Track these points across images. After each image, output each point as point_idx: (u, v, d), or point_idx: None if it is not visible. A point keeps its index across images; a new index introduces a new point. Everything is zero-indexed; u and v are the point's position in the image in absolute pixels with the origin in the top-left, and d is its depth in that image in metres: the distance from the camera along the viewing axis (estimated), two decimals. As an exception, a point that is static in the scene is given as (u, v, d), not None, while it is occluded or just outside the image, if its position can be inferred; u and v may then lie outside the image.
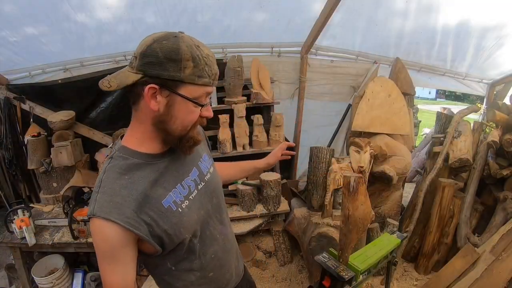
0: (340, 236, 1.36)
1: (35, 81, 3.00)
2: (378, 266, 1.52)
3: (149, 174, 0.84)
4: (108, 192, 0.80)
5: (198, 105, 0.82)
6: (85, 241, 2.22)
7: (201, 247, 0.96)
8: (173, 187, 0.88)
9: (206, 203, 0.98)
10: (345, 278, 1.26)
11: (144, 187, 0.82)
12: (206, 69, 0.79)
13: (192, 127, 0.85)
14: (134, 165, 0.83)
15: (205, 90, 0.81)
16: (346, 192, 1.29)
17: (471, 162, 2.63)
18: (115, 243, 0.79)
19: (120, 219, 0.77)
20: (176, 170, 0.91)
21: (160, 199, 0.84)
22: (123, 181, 0.81)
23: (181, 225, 0.87)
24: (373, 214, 2.51)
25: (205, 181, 0.99)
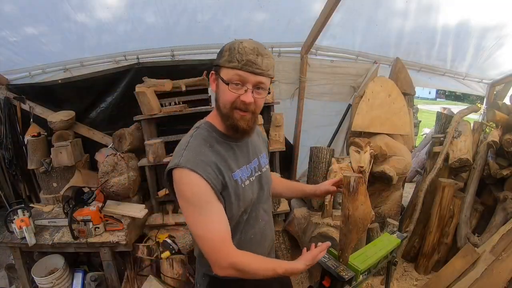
0: (340, 236, 1.36)
1: (35, 81, 3.01)
2: (378, 266, 1.52)
3: (225, 149, 1.04)
4: (194, 151, 0.98)
5: (226, 83, 0.96)
6: (85, 241, 2.22)
7: (245, 225, 1.10)
8: (241, 166, 1.07)
9: (258, 190, 1.15)
10: (345, 278, 1.26)
11: (222, 158, 1.01)
12: (237, 56, 0.94)
13: (231, 107, 0.98)
14: (215, 138, 1.04)
15: (236, 73, 0.94)
16: (346, 192, 1.29)
17: (471, 162, 2.63)
18: (203, 193, 0.94)
19: (205, 174, 0.94)
20: (243, 155, 1.10)
21: (232, 171, 1.03)
22: (206, 147, 1.01)
23: (242, 198, 1.05)
24: (373, 214, 2.52)
25: (262, 172, 1.18)
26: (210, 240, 0.95)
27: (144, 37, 2.76)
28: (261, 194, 1.17)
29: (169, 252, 2.37)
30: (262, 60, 0.94)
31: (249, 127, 1.01)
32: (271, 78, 1.01)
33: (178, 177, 0.96)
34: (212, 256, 0.96)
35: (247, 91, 0.95)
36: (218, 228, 0.96)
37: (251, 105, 0.97)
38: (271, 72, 0.99)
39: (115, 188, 2.59)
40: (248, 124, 1.00)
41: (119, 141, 2.76)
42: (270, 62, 0.97)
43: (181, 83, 2.87)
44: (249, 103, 0.96)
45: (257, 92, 0.98)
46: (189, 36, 2.81)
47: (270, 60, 0.98)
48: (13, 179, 3.18)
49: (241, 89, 0.96)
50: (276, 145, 2.86)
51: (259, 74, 0.95)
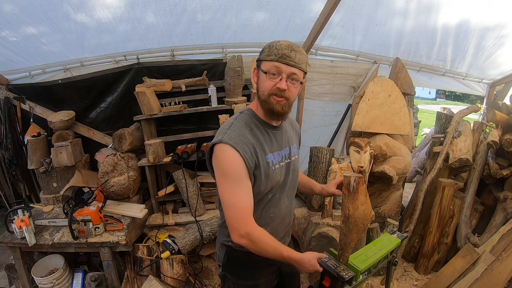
0: (340, 236, 1.36)
1: (35, 81, 3.01)
2: (378, 266, 1.52)
3: (263, 134, 1.20)
4: (237, 132, 1.15)
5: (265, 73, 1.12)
6: (85, 241, 2.22)
7: (268, 203, 1.25)
8: (274, 151, 1.22)
9: (286, 175, 1.28)
10: (345, 278, 1.26)
11: (258, 141, 1.17)
12: (274, 51, 1.11)
13: (268, 93, 1.13)
14: (255, 124, 1.21)
15: (273, 64, 1.11)
16: (346, 192, 1.29)
17: (471, 162, 2.63)
18: (239, 168, 1.10)
19: (242, 152, 1.10)
20: (277, 141, 1.25)
21: (266, 154, 1.19)
22: (247, 130, 1.18)
23: (270, 178, 1.19)
24: (373, 214, 2.52)
25: (291, 160, 1.31)
26: (236, 208, 1.11)
27: (144, 37, 2.76)
28: (287, 179, 1.29)
29: (169, 252, 2.37)
30: (296, 54, 1.10)
31: (283, 110, 1.15)
32: (304, 72, 1.15)
33: (219, 151, 1.12)
34: (234, 223, 1.12)
35: (282, 79, 1.11)
36: (244, 200, 1.12)
37: (286, 92, 1.12)
38: (303, 66, 1.13)
39: (115, 188, 2.59)
40: (282, 108, 1.15)
41: (119, 141, 2.76)
42: (302, 58, 1.12)
43: (181, 83, 2.87)
44: (284, 89, 1.11)
45: (291, 81, 1.13)
46: (189, 36, 2.81)
47: (303, 56, 1.13)
48: (13, 179, 3.19)
49: (277, 78, 1.12)
50: (276, 145, 2.86)
51: (292, 66, 1.10)
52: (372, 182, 2.61)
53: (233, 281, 1.33)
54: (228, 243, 1.28)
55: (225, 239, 1.30)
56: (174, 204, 2.88)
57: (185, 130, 3.01)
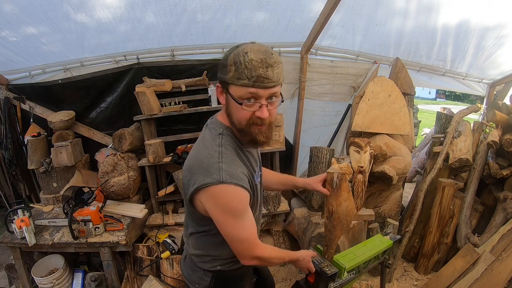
0: (325, 232, 1.37)
1: (35, 81, 3.01)
2: (367, 266, 1.52)
3: (246, 156, 1.09)
4: (231, 163, 0.99)
5: (237, 102, 0.93)
6: (85, 241, 2.22)
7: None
8: (255, 171, 1.14)
9: (260, 189, 1.22)
10: (327, 273, 1.26)
11: (246, 164, 1.06)
12: (245, 72, 0.89)
13: (247, 124, 0.97)
14: (239, 146, 1.06)
15: (248, 91, 0.91)
16: (329, 188, 1.31)
17: (471, 162, 2.63)
18: (246, 204, 1.01)
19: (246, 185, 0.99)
20: (254, 159, 1.15)
21: (253, 176, 1.10)
22: (238, 157, 1.03)
23: (256, 197, 1.14)
24: (373, 214, 2.52)
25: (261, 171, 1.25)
26: (244, 240, 1.05)
27: (144, 37, 2.76)
28: (261, 193, 1.26)
29: (169, 252, 2.37)
30: (273, 71, 0.90)
31: (267, 138, 1.01)
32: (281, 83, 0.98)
33: (221, 193, 0.96)
34: (244, 252, 1.08)
35: (262, 106, 0.93)
36: (252, 228, 1.05)
37: (267, 118, 0.96)
38: (281, 78, 0.95)
39: (115, 188, 2.59)
40: (266, 136, 1.01)
41: (119, 141, 2.76)
42: (280, 70, 0.93)
43: (181, 83, 2.87)
44: (265, 118, 0.95)
45: (271, 103, 0.96)
46: (189, 36, 2.81)
47: (280, 67, 0.93)
48: (13, 179, 3.19)
49: (255, 105, 0.93)
50: (276, 145, 2.86)
51: (272, 87, 0.92)
52: (372, 182, 2.60)
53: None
54: (216, 267, 1.20)
55: (211, 266, 1.21)
56: (174, 204, 2.88)
57: (185, 130, 3.01)
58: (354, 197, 2.37)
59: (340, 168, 1.34)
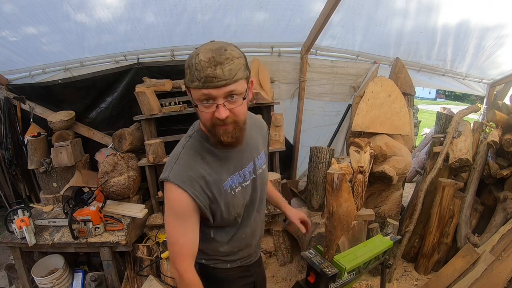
0: (326, 233, 1.37)
1: (35, 81, 3.01)
2: (368, 266, 1.52)
3: (217, 158, 1.04)
4: (184, 165, 1.00)
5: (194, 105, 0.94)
6: (85, 241, 2.22)
7: (239, 226, 1.16)
8: (232, 174, 1.08)
9: (252, 192, 1.17)
10: (328, 274, 1.26)
11: (213, 169, 1.03)
12: (195, 74, 0.87)
13: (211, 124, 0.95)
14: (207, 148, 1.04)
15: (201, 92, 0.89)
16: (329, 189, 1.31)
17: (471, 162, 2.62)
18: (185, 208, 0.99)
19: (190, 191, 0.97)
20: (237, 160, 1.09)
21: (222, 182, 1.04)
22: (197, 160, 1.01)
23: (232, 205, 1.07)
24: (373, 214, 2.52)
25: (256, 174, 1.17)
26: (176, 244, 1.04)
27: (144, 37, 2.76)
28: (255, 196, 1.18)
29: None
30: (223, 69, 0.85)
31: (233, 138, 0.97)
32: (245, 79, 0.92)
33: (167, 189, 1.01)
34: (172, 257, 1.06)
35: (219, 106, 0.90)
36: (186, 239, 1.03)
37: (228, 118, 0.92)
38: (240, 75, 0.89)
39: (115, 188, 2.59)
40: (232, 136, 0.96)
41: (119, 141, 2.76)
42: (234, 66, 0.87)
43: (181, 83, 2.87)
44: (224, 118, 0.91)
45: (231, 102, 0.91)
46: (189, 36, 2.81)
47: (234, 63, 0.87)
48: (13, 179, 3.19)
49: (212, 105, 0.90)
50: (276, 145, 2.86)
51: (225, 85, 0.87)
52: (372, 182, 2.60)
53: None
54: (201, 260, 1.20)
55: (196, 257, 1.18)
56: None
57: (185, 130, 2.94)
58: (354, 197, 2.37)
59: (340, 168, 1.35)
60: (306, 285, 1.38)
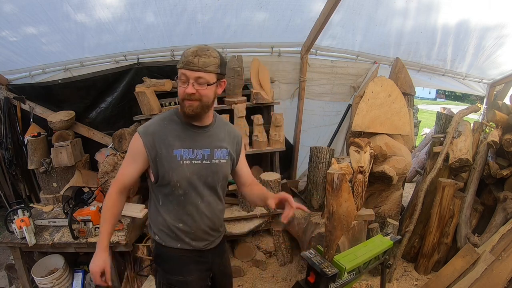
0: (325, 233, 1.37)
1: (35, 81, 3.01)
2: (368, 266, 1.52)
3: (178, 130, 1.29)
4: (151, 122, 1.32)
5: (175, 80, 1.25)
6: (85, 241, 2.22)
7: (183, 200, 1.31)
8: (186, 147, 1.28)
9: (202, 175, 1.32)
10: (328, 274, 1.27)
11: (170, 134, 1.27)
12: (182, 58, 1.20)
13: (182, 98, 1.23)
14: (173, 120, 1.31)
15: (181, 72, 1.20)
16: (329, 189, 1.31)
17: (471, 162, 2.63)
18: (135, 150, 1.28)
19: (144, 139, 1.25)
20: (195, 140, 1.31)
21: (174, 147, 1.27)
22: (162, 123, 1.30)
23: (174, 170, 1.26)
24: (373, 214, 2.52)
25: (211, 162, 1.34)
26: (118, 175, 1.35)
27: (144, 37, 2.76)
28: (206, 179, 1.33)
29: (169, 252, 2.37)
30: (199, 59, 1.17)
31: (194, 112, 1.23)
32: (214, 73, 1.21)
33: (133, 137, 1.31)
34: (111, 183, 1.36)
35: (189, 84, 1.20)
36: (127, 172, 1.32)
37: (194, 95, 1.20)
38: (210, 68, 1.19)
39: (115, 188, 2.58)
40: (193, 110, 1.23)
41: (119, 141, 2.76)
42: (208, 61, 1.19)
43: (181, 83, 2.86)
44: (191, 93, 1.19)
45: (198, 84, 1.20)
46: (189, 36, 2.81)
47: (209, 59, 1.19)
48: (13, 179, 3.19)
49: (185, 83, 1.20)
50: (276, 145, 2.86)
51: (196, 71, 1.18)
52: (372, 182, 2.60)
53: (162, 274, 1.40)
54: (155, 236, 1.38)
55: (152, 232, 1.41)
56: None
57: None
58: (354, 197, 2.37)
59: (340, 168, 1.34)
60: (306, 285, 1.38)
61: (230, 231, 2.59)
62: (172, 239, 1.35)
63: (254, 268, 2.81)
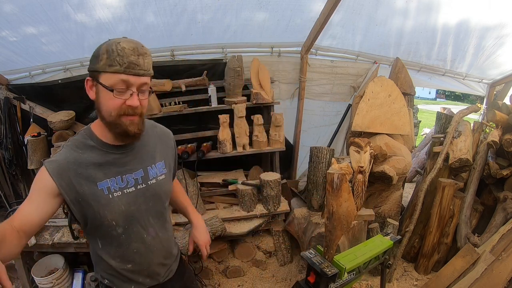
0: (325, 233, 1.37)
1: (35, 81, 3.01)
2: (368, 266, 1.52)
3: (97, 158, 1.00)
4: (62, 154, 0.99)
5: (110, 90, 0.91)
6: (85, 241, 2.22)
7: (125, 239, 1.07)
8: (112, 176, 1.02)
9: (141, 203, 1.08)
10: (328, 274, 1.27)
11: (89, 167, 0.98)
12: (117, 59, 0.90)
13: (117, 114, 0.94)
14: (89, 146, 1.01)
15: (119, 78, 0.91)
16: (329, 189, 1.31)
17: (471, 162, 2.62)
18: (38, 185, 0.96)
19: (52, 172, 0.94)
20: (122, 164, 1.04)
21: (97, 180, 0.99)
22: (75, 153, 0.99)
23: (106, 208, 1.00)
24: (373, 214, 2.52)
25: (148, 184, 1.09)
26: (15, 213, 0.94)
27: (144, 37, 2.76)
28: (146, 207, 1.09)
29: (169, 252, 2.37)
30: (144, 60, 0.93)
31: (139, 130, 1.00)
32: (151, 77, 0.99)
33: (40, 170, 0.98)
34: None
35: (133, 94, 0.93)
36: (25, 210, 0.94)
37: (138, 108, 0.95)
38: (151, 70, 0.97)
39: (115, 188, 2.58)
40: (138, 128, 0.99)
41: (119, 141, 2.76)
42: (150, 61, 0.96)
43: (181, 83, 2.87)
44: (136, 106, 0.94)
45: (142, 93, 0.96)
46: (189, 36, 2.81)
47: (150, 59, 0.96)
48: (13, 179, 3.19)
49: (126, 93, 0.93)
50: (276, 145, 2.86)
51: (142, 75, 0.93)
52: (372, 182, 2.60)
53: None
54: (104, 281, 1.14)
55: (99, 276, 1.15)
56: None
57: (185, 130, 3.01)
58: (354, 197, 2.37)
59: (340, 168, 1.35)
60: (306, 285, 1.38)
61: (230, 231, 2.59)
62: (124, 282, 1.12)
63: (254, 268, 2.81)
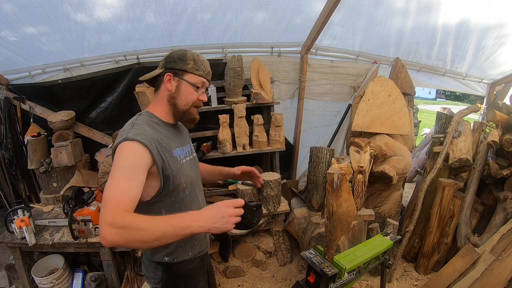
0: (325, 233, 1.37)
1: (35, 81, 3.01)
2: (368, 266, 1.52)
3: (166, 131, 1.21)
4: (140, 128, 1.10)
5: (195, 87, 1.21)
6: (85, 241, 2.22)
7: (188, 201, 1.24)
8: (178, 146, 1.24)
9: (194, 170, 1.33)
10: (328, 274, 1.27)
11: (163, 137, 1.16)
12: (202, 67, 1.22)
13: (192, 105, 1.23)
14: (156, 122, 1.20)
15: (201, 80, 1.22)
16: (329, 189, 1.31)
17: (471, 162, 2.62)
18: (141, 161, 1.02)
19: (151, 148, 1.05)
20: (180, 138, 1.30)
21: (171, 149, 1.18)
22: (150, 127, 1.14)
23: (181, 171, 1.19)
24: (373, 214, 2.52)
25: (193, 156, 1.36)
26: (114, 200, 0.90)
27: (144, 37, 2.76)
28: (197, 172, 1.35)
29: (169, 252, 2.37)
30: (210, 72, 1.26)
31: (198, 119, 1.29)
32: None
33: (121, 148, 1.01)
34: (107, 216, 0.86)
35: (204, 92, 1.26)
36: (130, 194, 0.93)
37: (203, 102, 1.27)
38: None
39: (115, 188, 2.58)
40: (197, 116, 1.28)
41: (119, 141, 2.76)
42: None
43: (181, 83, 2.87)
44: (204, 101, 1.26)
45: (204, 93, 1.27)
46: (189, 36, 2.81)
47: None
48: (13, 179, 3.19)
49: (200, 91, 1.24)
50: (276, 145, 2.86)
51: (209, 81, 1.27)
52: (372, 182, 2.60)
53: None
54: (164, 259, 1.21)
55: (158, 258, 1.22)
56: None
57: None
58: (354, 197, 2.37)
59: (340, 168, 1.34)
60: (306, 285, 1.38)
61: (230, 231, 2.59)
62: (184, 250, 1.24)
63: (254, 268, 2.81)
